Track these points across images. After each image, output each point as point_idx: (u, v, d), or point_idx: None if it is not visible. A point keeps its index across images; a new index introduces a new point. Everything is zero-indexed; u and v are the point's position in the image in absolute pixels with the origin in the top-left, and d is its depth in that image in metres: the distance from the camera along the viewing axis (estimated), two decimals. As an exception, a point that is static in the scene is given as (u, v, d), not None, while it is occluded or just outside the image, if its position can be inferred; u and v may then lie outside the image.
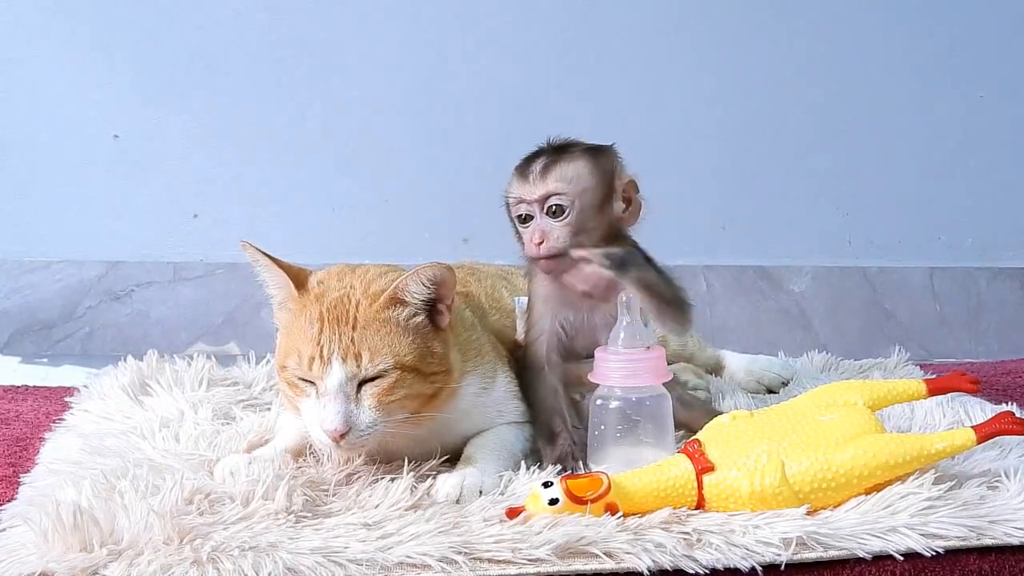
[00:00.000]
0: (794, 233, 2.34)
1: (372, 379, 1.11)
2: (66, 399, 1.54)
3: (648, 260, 1.27)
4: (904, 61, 2.34)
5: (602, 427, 1.19)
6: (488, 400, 1.25)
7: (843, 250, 2.36)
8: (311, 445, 1.22)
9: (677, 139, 2.28)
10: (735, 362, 1.73)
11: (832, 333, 2.28)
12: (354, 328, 1.11)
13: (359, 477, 1.16)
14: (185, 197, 2.23)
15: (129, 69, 2.20)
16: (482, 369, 1.24)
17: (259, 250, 1.18)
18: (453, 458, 1.22)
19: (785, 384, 1.67)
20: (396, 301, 1.14)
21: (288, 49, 2.22)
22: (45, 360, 2.12)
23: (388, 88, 2.25)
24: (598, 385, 1.20)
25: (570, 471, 1.18)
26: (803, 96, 2.32)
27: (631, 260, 1.21)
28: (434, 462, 1.20)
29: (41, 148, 2.20)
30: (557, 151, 1.27)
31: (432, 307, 1.16)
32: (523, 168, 1.27)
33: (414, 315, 1.14)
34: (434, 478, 1.15)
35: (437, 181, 2.24)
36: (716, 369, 1.72)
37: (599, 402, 1.20)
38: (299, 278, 1.18)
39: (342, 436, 1.10)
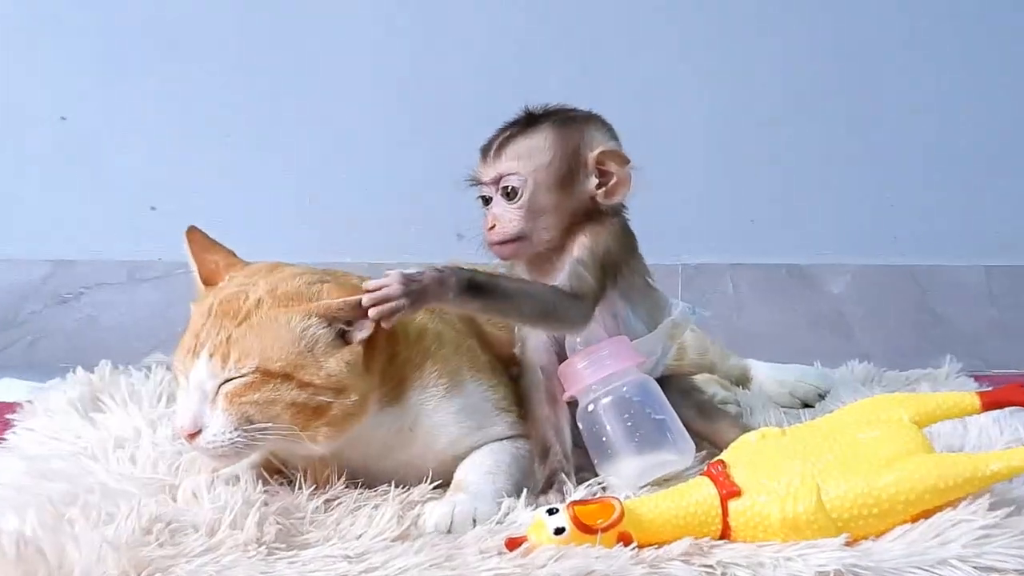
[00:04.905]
0: (831, 227, 2.35)
1: (233, 379, 1.15)
2: (7, 416, 1.54)
3: (621, 243, 1.29)
4: (958, 35, 2.34)
5: (608, 428, 1.22)
6: (449, 409, 1.26)
7: (887, 246, 2.36)
8: (283, 462, 1.25)
9: (698, 122, 2.29)
10: (765, 373, 1.74)
11: (875, 340, 2.29)
12: (239, 325, 1.15)
13: (339, 503, 1.17)
14: (141, 187, 2.23)
15: (79, 42, 2.20)
16: (431, 379, 1.26)
17: (193, 238, 1.27)
18: (448, 482, 1.23)
19: (822, 397, 1.68)
20: (319, 315, 1.17)
21: (260, 23, 2.23)
22: (-17, 372, 2.12)
23: (371, 65, 2.25)
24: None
25: (559, 490, 1.20)
26: (840, 73, 2.32)
27: (444, 283, 1.14)
28: (425, 487, 1.21)
29: (-22, 132, 2.21)
30: (525, 124, 1.30)
31: (348, 322, 1.18)
32: (485, 145, 1.31)
33: (320, 328, 1.17)
34: (423, 505, 1.16)
35: (427, 169, 2.23)
36: (742, 380, 1.73)
37: (590, 408, 1.23)
38: (214, 273, 1.25)
39: (191, 437, 1.14)
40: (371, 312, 1.14)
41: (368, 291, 1.15)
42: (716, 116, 2.30)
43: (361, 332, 1.18)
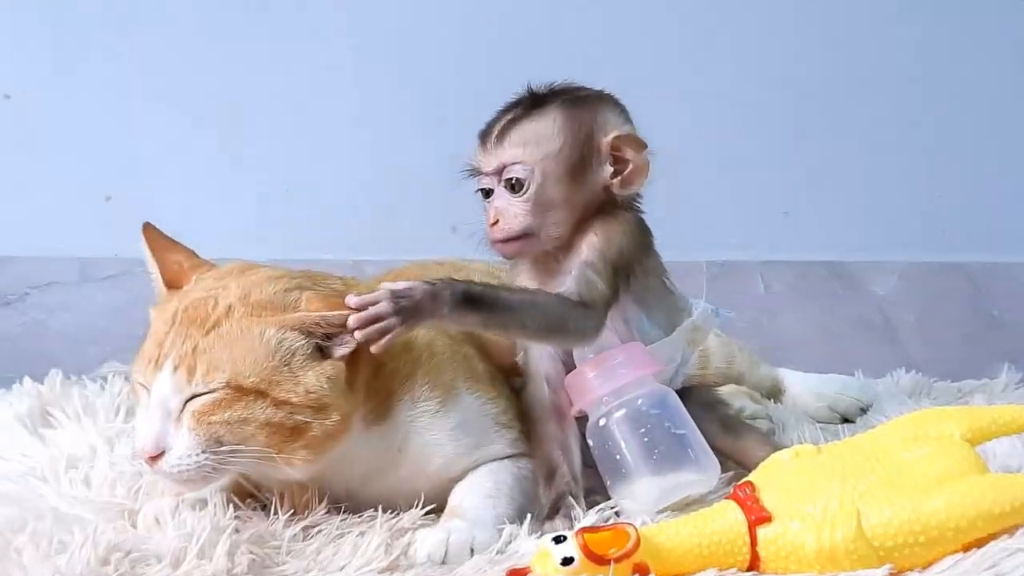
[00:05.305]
0: (875, 220, 2.35)
1: (201, 395, 1.15)
2: (-55, 433, 1.55)
3: (635, 240, 1.29)
4: (1014, 17, 2.34)
5: (622, 445, 1.22)
6: (443, 426, 1.28)
7: (938, 242, 2.36)
8: (256, 485, 1.26)
9: (724, 101, 2.29)
10: (800, 384, 1.75)
11: (924, 347, 2.29)
12: (207, 333, 1.16)
13: (320, 531, 1.19)
14: (95, 174, 2.24)
15: (26, 12, 2.20)
16: (423, 393, 1.27)
17: (151, 236, 1.28)
18: (442, 507, 1.24)
19: (864, 411, 1.70)
20: (296, 328, 1.17)
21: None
22: (-84, 383, 2.13)
23: (355, 39, 2.25)
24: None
25: (567, 515, 1.21)
26: (886, 45, 2.32)
27: (437, 298, 1.15)
28: (416, 512, 1.22)
29: (-91, 112, 2.22)
30: (529, 105, 1.30)
31: (328, 336, 1.19)
32: (484, 130, 1.31)
33: (297, 340, 1.18)
34: (415, 532, 1.17)
35: (418, 155, 2.24)
36: (774, 392, 1.74)
37: (601, 423, 1.24)
38: (178, 275, 1.26)
39: (153, 459, 1.15)
40: (357, 334, 1.14)
41: (353, 308, 1.15)
42: (744, 95, 2.30)
43: (342, 347, 1.18)
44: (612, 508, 1.23)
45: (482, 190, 1.31)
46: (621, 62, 2.23)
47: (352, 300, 1.15)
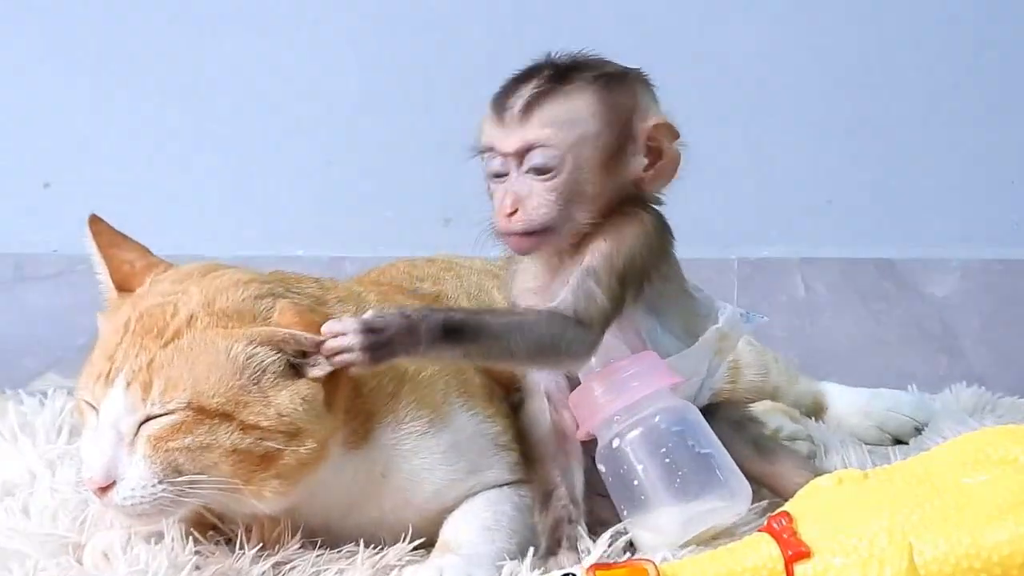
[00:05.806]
0: (934, 210, 2.35)
1: (157, 417, 1.15)
2: None
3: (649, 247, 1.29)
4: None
5: (639, 469, 1.22)
6: (433, 448, 1.28)
7: (1008, 235, 2.37)
8: (219, 516, 1.26)
9: (758, 74, 2.29)
10: (845, 400, 1.76)
11: (988, 357, 2.29)
12: (165, 346, 1.16)
13: (293, 567, 1.19)
14: (32, 158, 2.25)
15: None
16: (409, 412, 1.28)
17: (99, 230, 1.28)
18: (432, 541, 1.25)
19: (918, 431, 1.71)
20: (266, 343, 1.18)
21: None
22: None
23: (338, 12, 2.26)
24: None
25: (572, 547, 1.21)
26: (945, 8, 2.33)
27: (413, 332, 1.15)
28: (403, 547, 1.23)
29: None
30: (555, 78, 1.27)
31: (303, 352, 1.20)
32: (500, 101, 1.28)
33: (268, 355, 1.18)
34: (402, 569, 1.18)
35: (406, 136, 2.25)
36: (815, 409, 1.75)
37: (615, 444, 1.24)
38: (129, 276, 1.26)
39: (103, 490, 1.14)
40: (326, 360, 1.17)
41: (327, 334, 1.16)
42: (781, 64, 2.31)
43: (318, 367, 1.19)
44: (623, 535, 1.23)
45: (492, 172, 1.28)
46: (640, 39, 2.24)
47: (324, 326, 1.15)
